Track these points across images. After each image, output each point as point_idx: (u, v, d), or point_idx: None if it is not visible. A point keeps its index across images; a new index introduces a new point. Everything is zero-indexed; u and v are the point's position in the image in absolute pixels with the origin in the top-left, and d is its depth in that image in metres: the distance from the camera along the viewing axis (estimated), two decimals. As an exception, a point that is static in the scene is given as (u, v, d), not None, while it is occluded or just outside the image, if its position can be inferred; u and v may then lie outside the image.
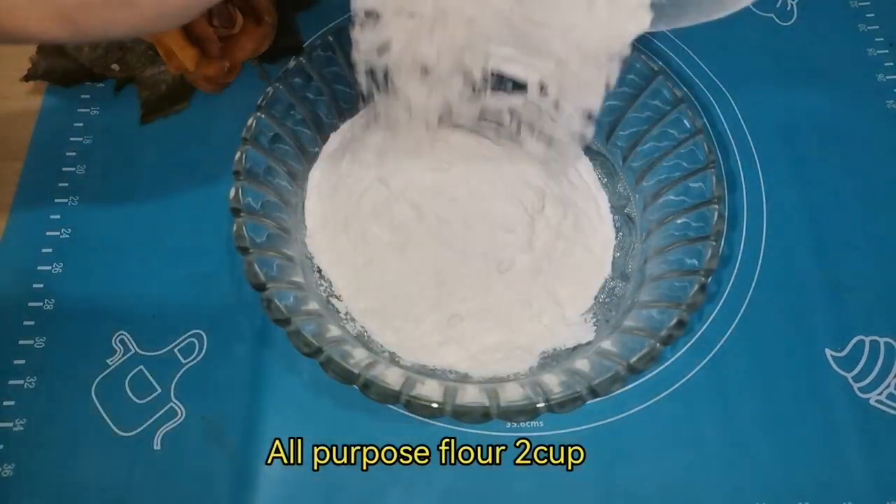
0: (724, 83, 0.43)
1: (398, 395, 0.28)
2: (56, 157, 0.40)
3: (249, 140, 0.33)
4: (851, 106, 0.43)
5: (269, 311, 0.29)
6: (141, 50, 0.41)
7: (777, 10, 0.46)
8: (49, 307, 0.36)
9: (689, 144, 0.34)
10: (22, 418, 0.34)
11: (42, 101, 0.42)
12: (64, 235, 0.38)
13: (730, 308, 0.37)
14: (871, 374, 0.36)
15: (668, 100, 0.35)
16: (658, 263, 0.34)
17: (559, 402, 0.28)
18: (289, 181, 0.36)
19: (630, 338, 0.31)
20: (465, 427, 0.34)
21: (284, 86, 0.35)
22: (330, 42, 0.36)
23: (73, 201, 0.39)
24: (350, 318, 0.34)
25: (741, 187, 0.40)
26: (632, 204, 0.37)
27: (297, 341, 0.29)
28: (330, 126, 0.38)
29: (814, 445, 0.34)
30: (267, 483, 0.33)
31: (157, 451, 0.33)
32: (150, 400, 0.34)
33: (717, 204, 0.32)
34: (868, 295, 0.37)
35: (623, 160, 0.38)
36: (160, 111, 0.41)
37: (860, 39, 0.45)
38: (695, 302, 0.30)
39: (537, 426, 0.34)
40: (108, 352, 0.35)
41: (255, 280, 0.30)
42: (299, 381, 0.35)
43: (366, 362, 0.30)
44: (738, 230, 0.39)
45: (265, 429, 0.34)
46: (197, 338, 0.36)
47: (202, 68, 0.40)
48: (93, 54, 0.40)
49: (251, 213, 0.32)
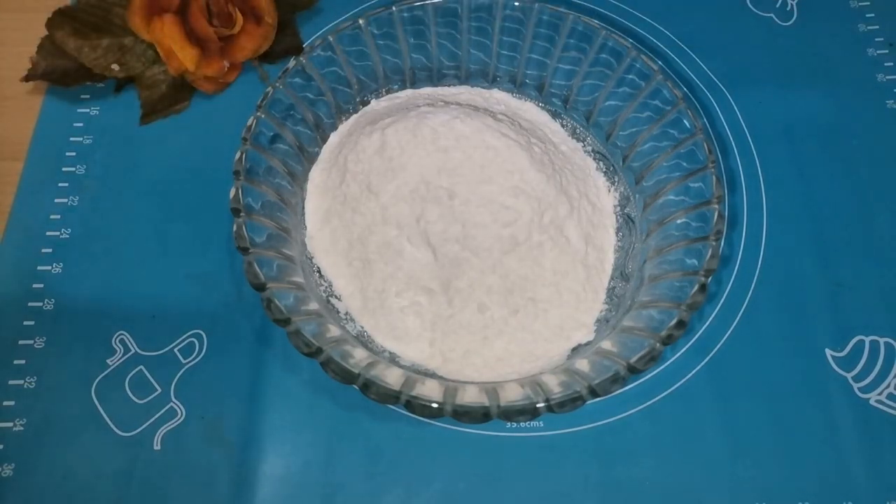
0: (724, 83, 0.43)
1: (398, 396, 0.28)
2: (56, 157, 0.40)
3: (249, 140, 0.33)
4: (851, 106, 0.43)
5: (268, 311, 0.29)
6: (141, 50, 0.41)
7: (777, 9, 0.46)
8: (49, 307, 0.36)
9: (689, 144, 0.34)
10: (22, 418, 0.34)
11: (42, 101, 0.42)
12: (64, 235, 0.38)
13: (730, 308, 0.37)
14: (871, 374, 0.36)
15: (668, 99, 0.35)
16: (658, 263, 0.34)
17: (559, 402, 0.28)
18: (289, 181, 0.36)
19: (630, 338, 0.31)
20: (465, 427, 0.34)
21: (284, 86, 0.35)
22: (330, 42, 0.36)
23: (73, 201, 0.39)
24: (350, 318, 0.34)
25: (741, 187, 0.40)
26: (632, 204, 0.37)
27: (296, 341, 0.29)
28: (330, 126, 0.38)
29: (814, 445, 0.34)
30: (266, 483, 0.33)
31: (157, 451, 0.33)
32: (150, 400, 0.34)
33: (716, 204, 0.32)
34: (868, 295, 0.37)
35: (623, 160, 0.38)
36: (160, 111, 0.41)
37: (860, 39, 0.45)
38: (695, 302, 0.30)
39: (537, 426, 0.34)
40: (108, 352, 0.35)
41: (255, 280, 0.30)
42: (299, 381, 0.35)
43: (366, 362, 0.30)
44: (738, 230, 0.39)
45: (265, 429, 0.34)
46: (197, 338, 0.36)
47: (202, 68, 0.40)
48: (93, 54, 0.40)
49: (251, 212, 0.32)
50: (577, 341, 0.34)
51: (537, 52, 0.39)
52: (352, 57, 0.37)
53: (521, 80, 0.40)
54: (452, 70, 0.40)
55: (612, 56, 0.37)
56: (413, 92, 0.40)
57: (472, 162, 0.35)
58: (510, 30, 0.38)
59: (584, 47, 0.37)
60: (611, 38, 0.36)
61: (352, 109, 0.39)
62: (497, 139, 0.35)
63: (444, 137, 0.35)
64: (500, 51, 0.39)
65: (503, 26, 0.38)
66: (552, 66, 0.39)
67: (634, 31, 0.45)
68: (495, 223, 0.34)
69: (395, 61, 0.39)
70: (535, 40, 0.38)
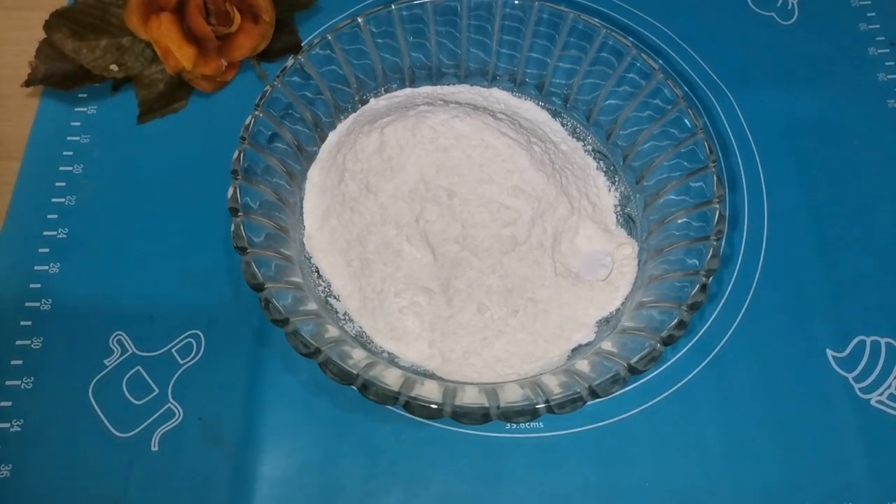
0: (725, 82, 0.43)
1: (397, 396, 0.28)
2: (53, 157, 0.40)
3: (247, 139, 0.33)
4: (852, 105, 0.43)
5: (267, 311, 0.29)
6: (139, 49, 0.41)
7: (778, 8, 0.46)
8: (46, 307, 0.36)
9: (690, 143, 0.34)
10: (19, 419, 0.33)
11: (39, 100, 0.41)
12: (61, 235, 0.38)
13: (731, 308, 0.37)
14: (872, 375, 0.36)
15: (669, 98, 0.35)
16: (659, 263, 0.34)
17: (559, 403, 0.28)
18: (287, 180, 0.35)
19: (630, 338, 0.31)
20: (465, 428, 0.34)
21: (282, 85, 0.35)
22: (328, 41, 0.36)
23: (70, 201, 0.39)
24: (348, 318, 0.34)
25: (742, 187, 0.40)
26: (632, 203, 0.37)
27: (295, 342, 0.29)
28: (328, 125, 0.38)
29: (815, 446, 0.34)
30: (265, 484, 0.33)
31: (155, 453, 0.33)
32: (148, 401, 0.34)
33: (717, 203, 0.32)
34: (869, 295, 0.37)
35: (623, 159, 0.38)
36: (158, 110, 0.41)
37: (861, 39, 0.45)
38: (696, 302, 0.30)
39: (537, 427, 0.34)
40: (105, 352, 0.35)
41: (253, 280, 0.30)
42: (298, 382, 0.35)
43: (364, 363, 0.30)
44: (739, 230, 0.39)
45: (263, 430, 0.34)
46: (195, 338, 0.35)
47: (200, 67, 0.40)
48: (91, 55, 0.40)
49: (249, 212, 0.32)
50: (578, 342, 0.34)
51: (537, 50, 0.38)
52: (350, 55, 0.37)
53: (521, 79, 0.40)
54: (452, 69, 0.40)
55: (612, 55, 0.36)
56: (412, 91, 0.40)
57: (472, 161, 0.35)
58: (510, 28, 0.38)
59: (585, 46, 0.37)
60: (611, 36, 0.36)
61: (350, 108, 0.39)
62: (497, 138, 0.35)
63: (444, 136, 0.35)
64: (500, 49, 0.39)
65: (503, 24, 0.38)
66: (552, 64, 0.38)
67: (635, 29, 0.45)
68: (495, 223, 0.34)
69: (394, 60, 0.39)
70: (536, 39, 0.38)
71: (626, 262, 0.35)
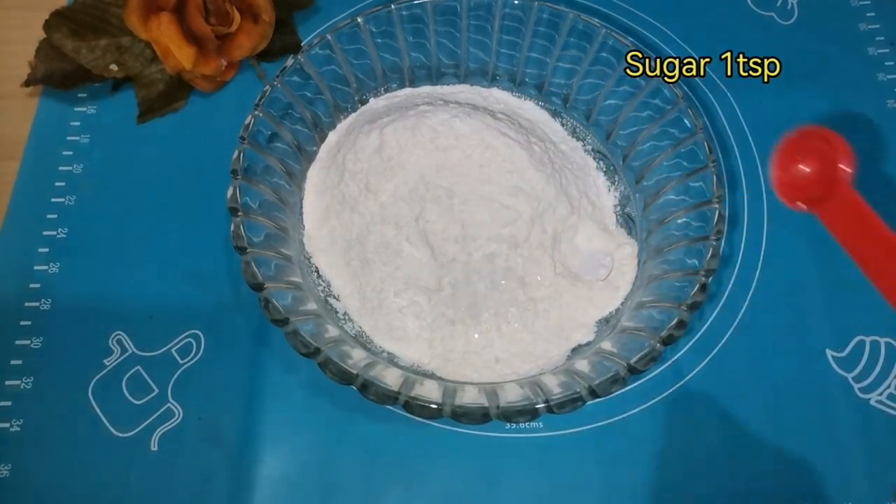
0: (725, 82, 0.43)
1: (397, 396, 0.28)
2: (53, 156, 0.40)
3: (247, 139, 0.33)
4: (852, 105, 0.43)
5: (266, 311, 0.29)
6: (139, 49, 0.41)
7: (777, 8, 0.46)
8: (46, 307, 0.36)
9: (690, 143, 0.34)
10: (18, 419, 0.33)
11: (39, 99, 0.41)
12: (61, 235, 0.38)
13: (730, 308, 0.37)
14: (872, 375, 0.36)
15: (669, 98, 0.35)
16: (658, 263, 0.34)
17: (559, 402, 0.28)
18: (287, 180, 0.35)
19: (630, 338, 0.31)
20: (465, 428, 0.34)
21: (282, 85, 0.35)
22: (328, 40, 0.36)
23: (69, 200, 0.39)
24: (348, 318, 0.34)
25: (741, 186, 0.40)
26: (632, 203, 0.37)
27: (294, 342, 0.29)
28: (328, 125, 0.38)
29: (814, 446, 0.34)
30: (265, 484, 0.33)
31: (155, 452, 0.33)
32: (148, 400, 0.34)
33: (717, 203, 0.32)
34: (868, 295, 0.37)
35: (623, 159, 0.38)
36: (157, 110, 0.41)
37: (861, 38, 0.45)
38: (695, 302, 0.30)
39: (537, 427, 0.34)
40: (105, 352, 0.35)
41: (253, 280, 0.30)
42: (297, 382, 0.35)
43: (364, 363, 0.30)
44: (739, 230, 0.39)
45: (263, 430, 0.34)
46: (194, 338, 0.35)
47: (199, 67, 0.40)
48: (91, 55, 0.40)
49: (249, 212, 0.32)
50: (577, 342, 0.34)
51: (537, 50, 0.38)
52: (350, 55, 0.37)
53: (521, 79, 0.40)
54: (451, 69, 0.40)
55: (612, 55, 0.36)
56: (412, 90, 0.40)
57: (472, 161, 0.35)
58: (510, 28, 0.38)
59: (585, 46, 0.37)
60: (611, 36, 0.36)
61: (350, 108, 0.39)
62: (496, 138, 0.35)
63: (444, 136, 0.35)
64: (500, 49, 0.39)
65: (503, 24, 0.38)
66: (552, 64, 0.38)
67: (635, 29, 0.45)
68: (495, 223, 0.34)
69: (394, 60, 0.39)
70: (535, 39, 0.38)
71: (625, 262, 0.35)
